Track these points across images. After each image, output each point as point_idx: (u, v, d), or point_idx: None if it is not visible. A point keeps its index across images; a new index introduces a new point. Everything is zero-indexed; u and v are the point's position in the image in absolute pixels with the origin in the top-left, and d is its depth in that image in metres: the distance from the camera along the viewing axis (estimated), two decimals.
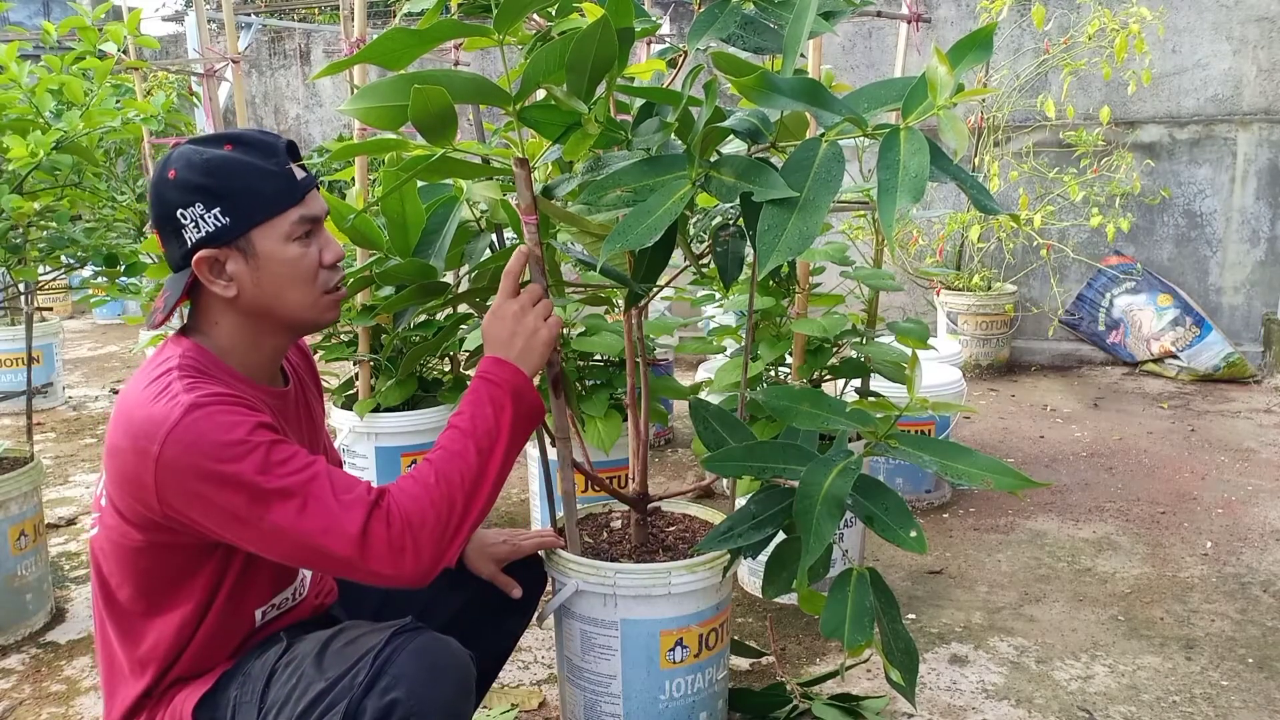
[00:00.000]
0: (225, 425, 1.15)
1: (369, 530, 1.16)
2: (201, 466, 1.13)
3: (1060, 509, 3.17)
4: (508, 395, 1.30)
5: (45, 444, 4.10)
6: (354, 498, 1.17)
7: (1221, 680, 2.12)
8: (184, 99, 5.00)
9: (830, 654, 2.24)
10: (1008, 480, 1.38)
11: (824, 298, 2.49)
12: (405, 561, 1.17)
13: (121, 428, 1.18)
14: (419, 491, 1.21)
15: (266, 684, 1.24)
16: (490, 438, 1.27)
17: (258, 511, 1.14)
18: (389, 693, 1.14)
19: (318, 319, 1.32)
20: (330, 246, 1.31)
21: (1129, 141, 5.08)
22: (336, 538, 1.15)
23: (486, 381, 1.32)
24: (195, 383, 1.19)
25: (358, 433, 2.66)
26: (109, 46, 2.41)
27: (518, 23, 1.40)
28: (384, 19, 7.13)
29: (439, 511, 1.20)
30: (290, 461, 1.17)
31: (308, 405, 1.46)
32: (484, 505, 1.25)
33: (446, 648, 1.21)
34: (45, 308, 5.83)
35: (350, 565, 1.17)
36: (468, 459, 1.25)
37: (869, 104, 1.26)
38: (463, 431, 1.27)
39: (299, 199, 1.26)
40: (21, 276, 2.42)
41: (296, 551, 1.17)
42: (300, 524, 1.15)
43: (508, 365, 1.33)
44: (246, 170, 1.23)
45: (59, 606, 2.54)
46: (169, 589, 1.25)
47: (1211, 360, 4.88)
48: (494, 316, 1.37)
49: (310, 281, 1.29)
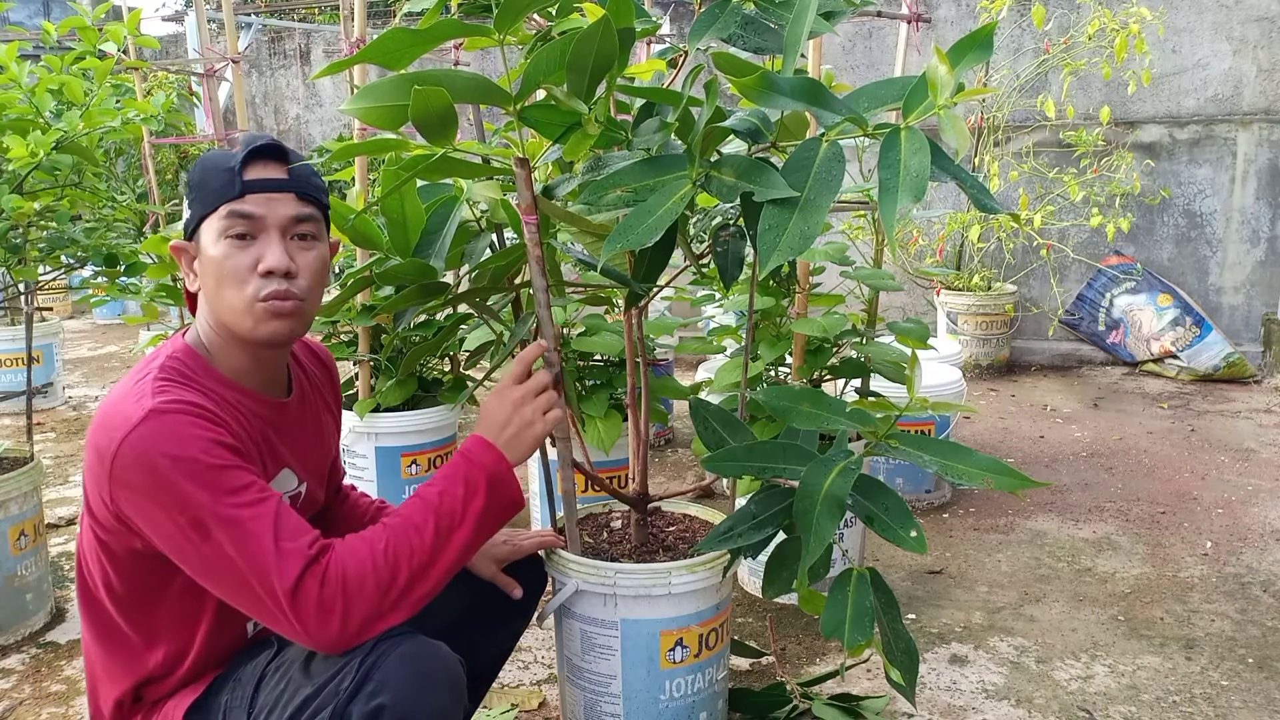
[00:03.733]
0: (181, 439, 1.12)
1: (301, 585, 1.11)
2: (150, 476, 1.11)
3: (1060, 509, 3.17)
4: (483, 481, 1.26)
5: (45, 444, 4.10)
6: (295, 547, 1.13)
7: (1221, 680, 2.12)
8: (184, 99, 5.01)
9: (830, 654, 2.24)
10: (1007, 480, 1.38)
11: (824, 298, 2.49)
12: (331, 624, 1.12)
13: (97, 423, 1.17)
14: (365, 555, 1.16)
15: (256, 688, 1.23)
16: (453, 519, 1.22)
17: (196, 536, 1.11)
18: (375, 697, 1.12)
19: (252, 330, 1.23)
20: (270, 254, 1.22)
21: (1129, 141, 5.08)
22: (266, 584, 1.11)
23: (466, 460, 1.28)
24: (166, 387, 1.17)
25: (358, 433, 2.66)
26: (109, 46, 2.40)
27: (518, 23, 1.40)
28: (384, 19, 7.13)
29: (379, 582, 1.15)
30: (241, 492, 1.13)
31: (316, 419, 1.43)
32: (430, 589, 1.20)
33: (434, 652, 1.18)
34: (45, 308, 5.83)
35: (274, 616, 1.13)
36: (424, 536, 1.19)
37: (869, 104, 1.26)
38: (427, 505, 1.22)
39: (235, 195, 1.21)
40: (21, 276, 2.42)
41: (229, 588, 1.14)
42: (235, 559, 1.11)
43: (493, 450, 1.29)
44: (209, 165, 1.24)
45: (59, 606, 2.54)
46: (147, 593, 1.24)
47: (1211, 360, 4.88)
48: (496, 397, 1.35)
49: (236, 285, 1.22)
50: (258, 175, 1.23)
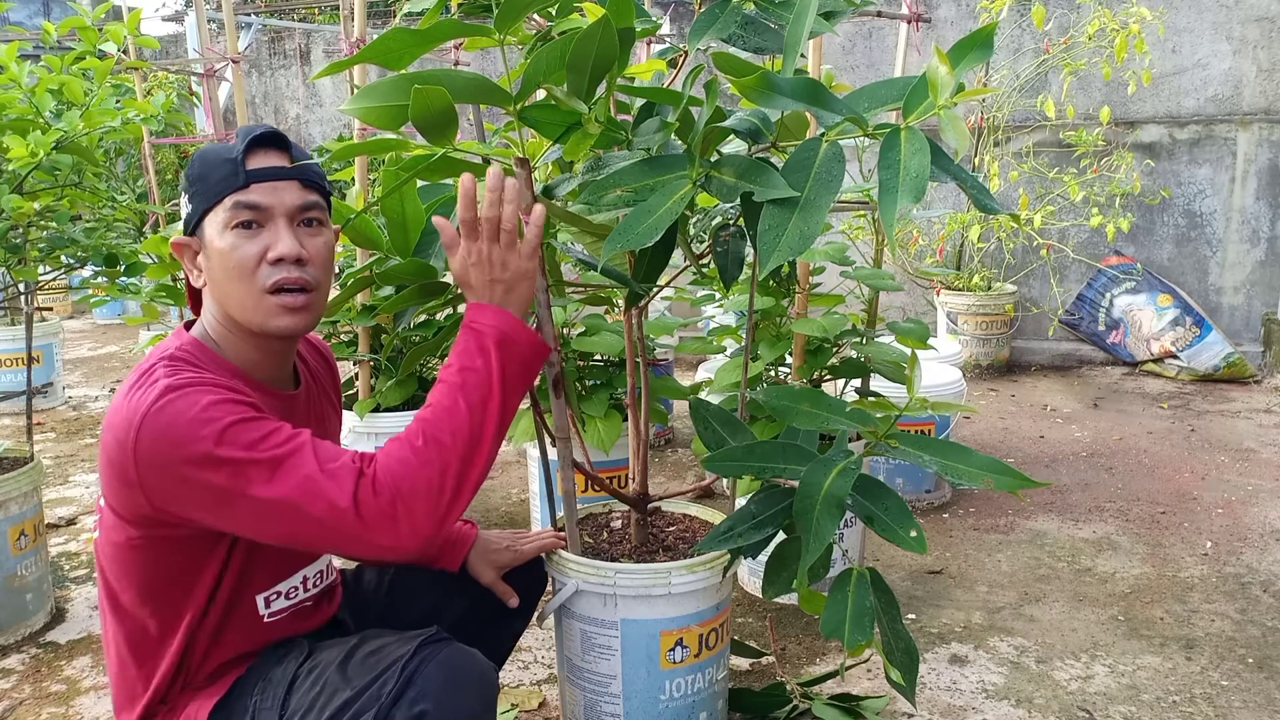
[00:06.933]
0: (200, 404, 1.11)
1: (359, 498, 1.10)
2: (178, 448, 1.09)
3: (1060, 509, 3.17)
4: (493, 342, 1.21)
5: (45, 444, 4.10)
6: (339, 466, 1.12)
7: (1221, 680, 2.12)
8: (184, 99, 5.01)
9: (830, 654, 2.24)
10: (1007, 480, 1.38)
11: (824, 298, 2.49)
12: (401, 531, 1.11)
13: (108, 422, 1.16)
14: (406, 454, 1.14)
15: (288, 690, 1.23)
16: (482, 391, 1.19)
17: (240, 487, 1.09)
18: (417, 704, 1.13)
19: (263, 323, 1.23)
20: (280, 242, 1.21)
21: (1129, 141, 5.08)
22: (326, 508, 1.09)
23: (470, 329, 1.23)
24: (178, 368, 1.17)
25: (358, 433, 2.66)
26: (109, 46, 2.40)
27: (518, 22, 1.40)
28: (384, 19, 7.13)
29: (430, 476, 1.13)
30: (272, 436, 1.12)
31: (320, 412, 1.43)
32: (484, 465, 1.18)
33: (472, 660, 1.20)
34: (45, 308, 5.83)
35: (348, 536, 1.11)
36: (458, 417, 1.17)
37: (869, 104, 1.26)
38: (451, 387, 1.19)
39: (240, 185, 1.20)
40: (21, 276, 2.42)
41: (290, 527, 1.11)
42: (287, 496, 1.10)
43: (490, 309, 1.24)
44: (210, 158, 1.23)
45: (59, 606, 2.54)
46: (171, 586, 1.23)
47: (1211, 360, 4.88)
48: (463, 264, 1.25)
49: (245, 276, 1.21)
50: (260, 164, 1.22)
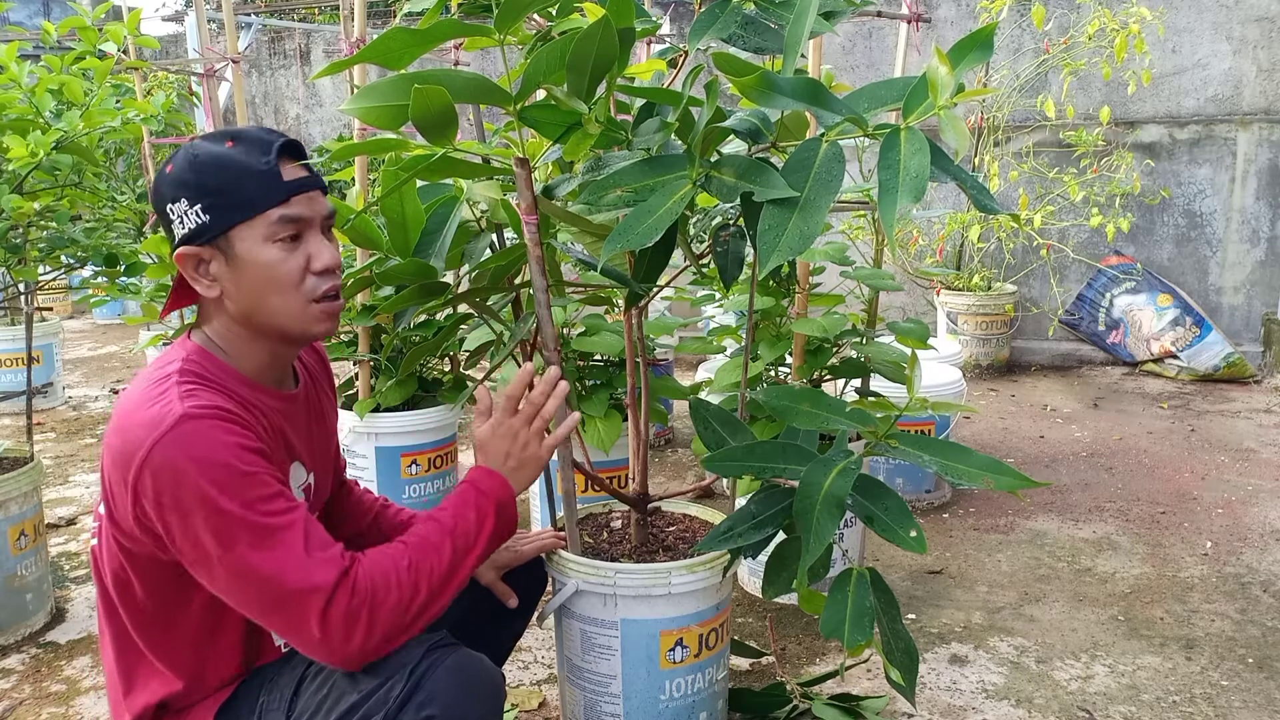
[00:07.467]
0: (214, 444, 1.11)
1: (335, 594, 1.12)
2: (179, 482, 1.10)
3: (1060, 509, 3.17)
4: (492, 507, 1.30)
5: (45, 444, 4.10)
6: (327, 557, 1.14)
7: (1221, 680, 2.12)
8: (184, 99, 5.00)
9: (830, 654, 2.24)
10: (1007, 480, 1.38)
11: (824, 298, 2.49)
12: (355, 636, 1.13)
13: (115, 429, 1.16)
14: (390, 569, 1.17)
15: (295, 692, 1.23)
16: (468, 541, 1.26)
17: (225, 543, 1.10)
18: (425, 708, 1.14)
19: (306, 330, 1.25)
20: (323, 252, 1.24)
21: (1129, 141, 5.08)
22: (297, 592, 1.11)
23: (475, 489, 1.31)
24: (193, 390, 1.16)
25: (357, 433, 2.66)
26: (109, 46, 2.40)
27: (518, 22, 1.40)
28: (384, 19, 7.13)
29: (401, 597, 1.17)
30: (271, 500, 1.13)
31: (319, 408, 1.44)
32: (443, 605, 1.23)
33: (480, 665, 1.22)
34: (45, 308, 5.83)
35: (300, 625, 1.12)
36: (442, 556, 1.22)
37: (869, 104, 1.27)
38: (443, 528, 1.26)
39: (282, 199, 1.20)
40: (21, 276, 2.42)
41: (255, 598, 1.13)
42: (263, 567, 1.11)
43: (497, 477, 1.34)
44: (232, 167, 1.19)
45: (59, 606, 2.54)
46: (168, 599, 1.23)
47: (1211, 360, 4.88)
48: (491, 432, 1.37)
49: (292, 288, 1.22)
50: (293, 175, 1.22)
